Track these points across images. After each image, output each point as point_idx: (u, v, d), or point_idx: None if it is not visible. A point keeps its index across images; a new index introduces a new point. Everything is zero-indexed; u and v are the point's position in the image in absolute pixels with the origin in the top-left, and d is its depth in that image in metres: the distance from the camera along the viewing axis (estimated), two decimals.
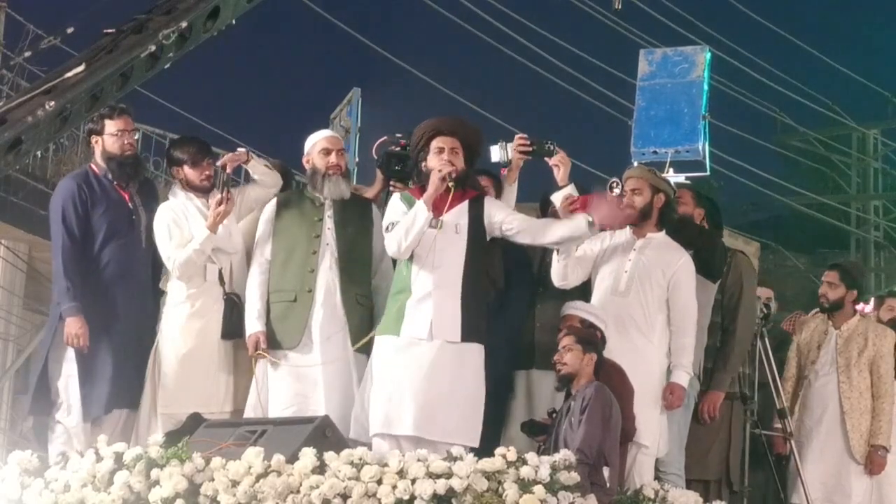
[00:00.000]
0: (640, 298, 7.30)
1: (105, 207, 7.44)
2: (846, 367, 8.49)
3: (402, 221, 6.92)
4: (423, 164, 7.06)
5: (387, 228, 7.02)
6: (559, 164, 7.29)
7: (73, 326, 7.21)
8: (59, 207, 7.40)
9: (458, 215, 7.01)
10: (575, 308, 7.20)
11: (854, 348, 8.53)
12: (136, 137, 7.71)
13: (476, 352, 6.93)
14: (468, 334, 6.89)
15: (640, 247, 7.39)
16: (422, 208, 6.89)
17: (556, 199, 7.26)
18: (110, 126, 7.51)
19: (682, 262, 7.37)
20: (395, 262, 7.18)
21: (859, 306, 9.41)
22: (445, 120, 7.22)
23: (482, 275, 7.07)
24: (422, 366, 6.81)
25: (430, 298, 6.87)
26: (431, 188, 6.91)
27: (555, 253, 7.31)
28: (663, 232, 7.45)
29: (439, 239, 6.93)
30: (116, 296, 7.38)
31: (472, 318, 6.91)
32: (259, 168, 7.52)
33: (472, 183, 7.25)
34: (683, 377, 7.30)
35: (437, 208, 6.97)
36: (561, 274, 7.33)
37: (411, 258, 6.96)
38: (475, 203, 7.10)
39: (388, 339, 6.90)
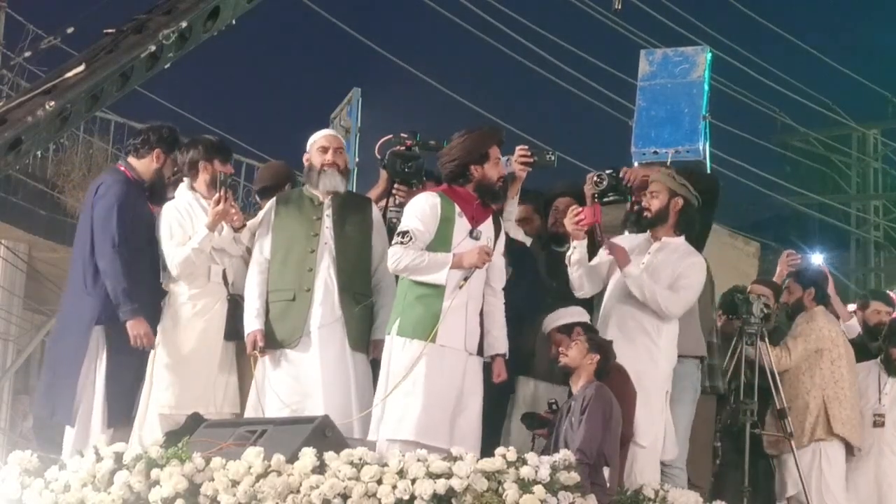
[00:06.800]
0: None
1: (141, 212, 7.45)
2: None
3: (424, 259, 6.75)
4: (477, 168, 6.93)
5: (403, 234, 6.83)
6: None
7: (139, 328, 7.17)
8: (112, 206, 7.30)
9: (488, 228, 6.98)
10: (551, 321, 7.21)
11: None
12: None
13: (482, 365, 6.95)
14: (481, 348, 6.92)
15: (654, 250, 7.36)
16: (445, 273, 6.72)
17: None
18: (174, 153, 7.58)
19: (692, 259, 7.32)
20: None
21: (850, 307, 9.47)
22: (501, 130, 7.24)
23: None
24: (454, 377, 6.76)
25: (464, 309, 6.82)
26: (468, 261, 6.74)
27: (567, 263, 7.31)
28: (682, 238, 7.40)
29: None
30: (149, 302, 7.37)
31: (482, 331, 6.95)
32: (240, 238, 7.46)
33: None
34: (630, 267, 7.20)
35: (476, 219, 6.92)
36: (577, 284, 7.33)
37: None
38: (496, 219, 7.09)
39: (416, 344, 6.75)
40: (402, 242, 6.82)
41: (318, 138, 7.49)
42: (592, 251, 7.41)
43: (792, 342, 8.58)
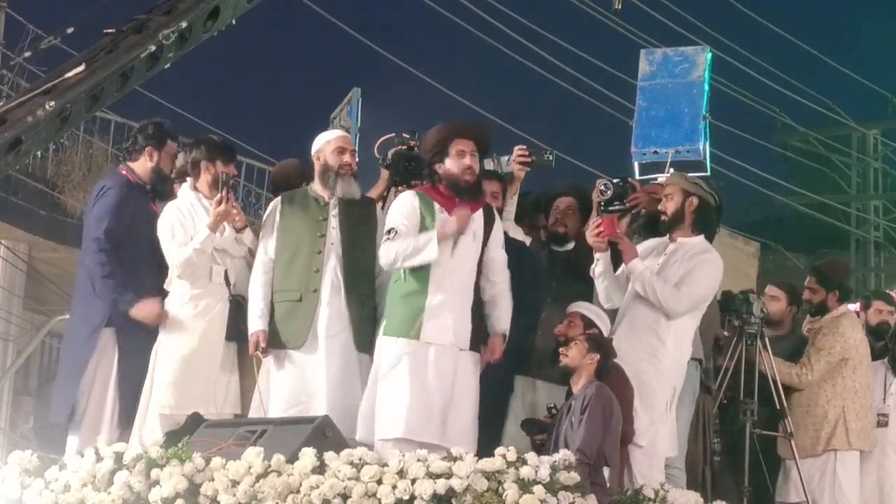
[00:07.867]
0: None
1: (143, 214, 7.47)
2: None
3: (410, 243, 6.81)
4: (439, 165, 7.00)
5: (389, 231, 6.91)
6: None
7: (147, 309, 7.25)
8: (109, 208, 7.38)
9: (476, 221, 7.00)
10: (578, 305, 7.20)
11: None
12: None
13: (476, 360, 6.95)
14: (475, 342, 6.92)
15: (670, 251, 7.33)
16: (433, 245, 6.78)
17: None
18: (170, 147, 7.60)
19: (703, 256, 7.26)
20: None
21: (852, 307, 9.45)
22: (465, 124, 7.25)
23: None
24: (443, 373, 6.76)
25: (448, 303, 6.84)
26: (449, 228, 6.81)
27: (592, 275, 7.29)
28: (701, 237, 7.35)
29: (461, 243, 6.91)
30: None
31: (477, 326, 6.94)
32: (242, 238, 7.47)
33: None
34: (635, 262, 7.19)
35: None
36: (604, 296, 7.31)
37: None
38: (488, 213, 7.10)
39: (401, 342, 6.80)
40: (389, 239, 6.90)
41: (332, 139, 7.45)
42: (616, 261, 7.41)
43: (815, 356, 8.49)
